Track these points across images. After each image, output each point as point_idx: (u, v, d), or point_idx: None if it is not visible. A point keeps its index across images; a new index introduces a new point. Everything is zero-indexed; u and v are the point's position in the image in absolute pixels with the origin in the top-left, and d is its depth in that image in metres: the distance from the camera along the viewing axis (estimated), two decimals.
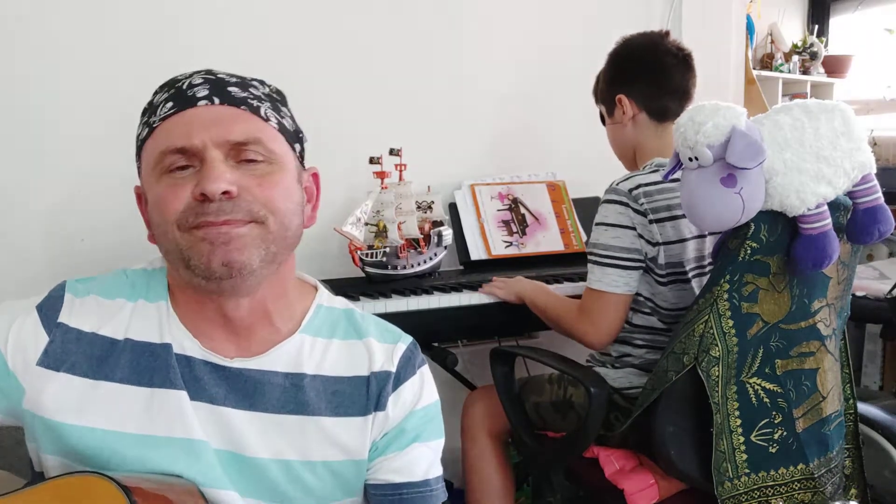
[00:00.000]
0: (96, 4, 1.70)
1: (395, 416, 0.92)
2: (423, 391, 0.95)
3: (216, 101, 0.84)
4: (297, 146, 0.92)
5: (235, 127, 0.83)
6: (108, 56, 1.72)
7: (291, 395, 0.89)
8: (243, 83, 0.88)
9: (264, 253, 0.83)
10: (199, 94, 0.84)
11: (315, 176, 0.96)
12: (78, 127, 1.70)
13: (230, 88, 0.86)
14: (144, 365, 0.86)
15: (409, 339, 0.97)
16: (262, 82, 0.91)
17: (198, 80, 0.86)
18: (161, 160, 0.83)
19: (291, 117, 0.93)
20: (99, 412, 0.84)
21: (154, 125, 0.85)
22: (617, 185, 1.52)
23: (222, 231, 0.80)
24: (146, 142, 0.86)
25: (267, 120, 0.86)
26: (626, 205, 1.49)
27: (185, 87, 0.85)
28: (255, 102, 0.86)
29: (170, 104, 0.85)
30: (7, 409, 0.86)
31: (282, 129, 0.88)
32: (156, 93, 0.88)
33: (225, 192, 0.80)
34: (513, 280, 1.80)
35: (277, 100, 0.91)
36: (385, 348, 0.94)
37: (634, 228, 1.49)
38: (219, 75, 0.87)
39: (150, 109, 0.87)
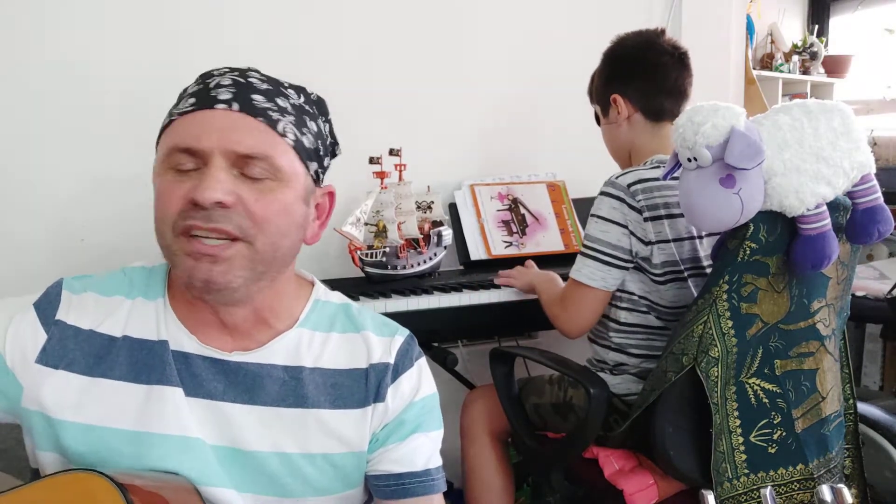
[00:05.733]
0: (99, 3, 1.70)
1: (394, 408, 0.93)
2: (421, 383, 0.96)
3: (235, 107, 0.83)
4: (314, 164, 0.90)
5: (246, 139, 0.82)
6: (111, 56, 1.72)
7: (291, 388, 0.90)
8: (273, 91, 0.86)
9: (249, 273, 0.83)
10: (221, 97, 0.83)
11: (331, 194, 0.96)
12: (79, 127, 1.70)
13: (255, 96, 0.84)
14: (141, 362, 0.87)
15: (405, 331, 0.98)
16: (301, 91, 0.91)
17: (226, 81, 0.85)
18: (169, 155, 0.84)
19: (320, 132, 0.91)
20: (96, 409, 0.85)
21: (174, 117, 0.86)
22: (616, 178, 1.51)
23: (208, 251, 0.80)
24: (164, 131, 0.87)
25: (283, 135, 0.85)
26: (622, 200, 1.48)
27: (212, 84, 0.85)
28: (275, 115, 0.85)
29: (192, 100, 0.85)
30: (5, 406, 0.86)
31: (297, 146, 0.86)
32: (196, 80, 0.88)
33: (219, 202, 0.80)
34: (525, 269, 1.83)
35: (308, 112, 0.90)
36: (382, 341, 0.95)
37: (626, 226, 1.48)
38: (249, 79, 0.86)
39: (180, 98, 0.88)
